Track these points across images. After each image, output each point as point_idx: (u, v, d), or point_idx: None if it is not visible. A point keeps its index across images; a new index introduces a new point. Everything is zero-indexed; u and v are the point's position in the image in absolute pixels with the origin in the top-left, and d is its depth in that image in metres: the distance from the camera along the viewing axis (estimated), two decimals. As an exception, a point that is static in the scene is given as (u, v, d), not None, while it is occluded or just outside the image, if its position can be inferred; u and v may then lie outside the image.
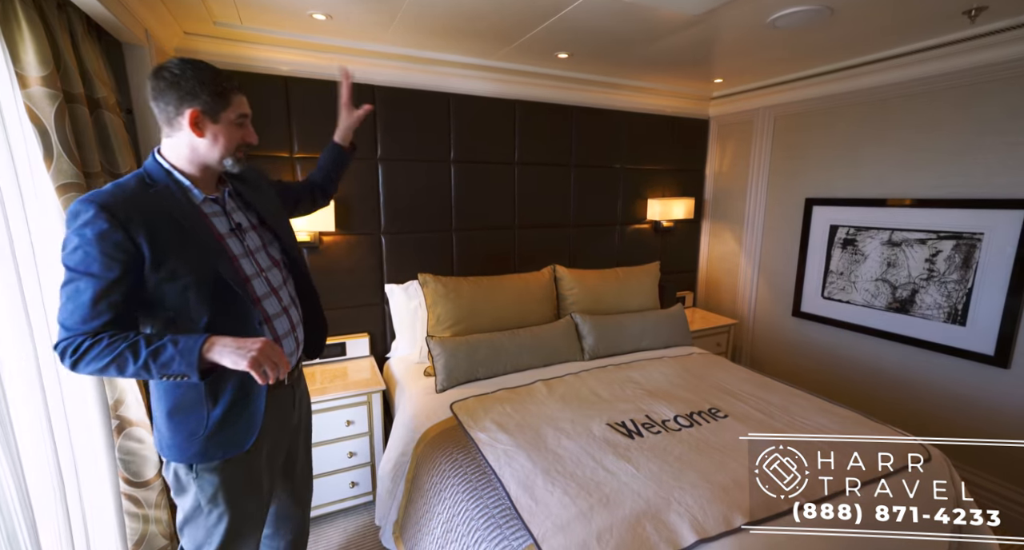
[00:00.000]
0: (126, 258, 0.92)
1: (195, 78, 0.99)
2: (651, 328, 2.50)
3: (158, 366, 0.93)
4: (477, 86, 2.57)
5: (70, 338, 0.92)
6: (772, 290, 3.07)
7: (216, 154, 1.05)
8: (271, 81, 2.14)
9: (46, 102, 1.20)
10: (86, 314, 0.91)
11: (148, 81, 1.00)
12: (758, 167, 3.06)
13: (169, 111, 0.99)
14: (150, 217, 0.95)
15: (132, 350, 0.92)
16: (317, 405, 1.98)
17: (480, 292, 2.23)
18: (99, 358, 0.91)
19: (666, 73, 2.75)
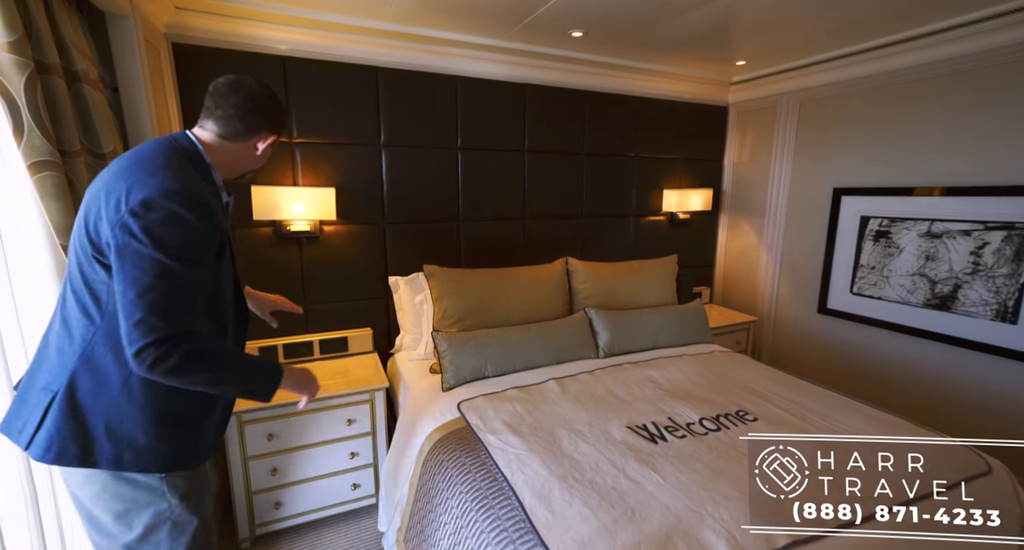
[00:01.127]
0: (217, 243, 0.98)
1: (281, 112, 1.16)
2: (669, 324, 2.37)
3: (249, 380, 1.00)
4: (486, 68, 2.44)
5: (174, 331, 0.85)
6: (795, 286, 2.91)
7: (248, 168, 1.17)
8: (268, 61, 2.02)
9: (14, 71, 1.09)
10: (191, 305, 0.90)
11: (232, 91, 1.05)
12: (781, 156, 2.90)
13: (252, 127, 1.07)
14: (216, 208, 0.98)
15: (234, 355, 0.98)
16: (317, 404, 1.87)
17: (489, 285, 2.11)
18: (215, 362, 0.92)
19: (685, 55, 2.60)
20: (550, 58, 2.53)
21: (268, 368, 1.07)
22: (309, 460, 1.90)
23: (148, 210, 0.86)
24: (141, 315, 0.83)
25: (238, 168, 1.15)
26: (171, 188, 0.89)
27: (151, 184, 0.89)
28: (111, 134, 1.37)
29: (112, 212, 0.88)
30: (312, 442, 1.89)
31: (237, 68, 1.96)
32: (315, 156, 2.15)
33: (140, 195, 0.87)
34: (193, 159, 1.01)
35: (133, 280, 0.84)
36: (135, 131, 1.56)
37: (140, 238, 0.85)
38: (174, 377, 0.87)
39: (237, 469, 1.79)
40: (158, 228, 0.86)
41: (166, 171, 0.92)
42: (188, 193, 0.91)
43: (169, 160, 0.96)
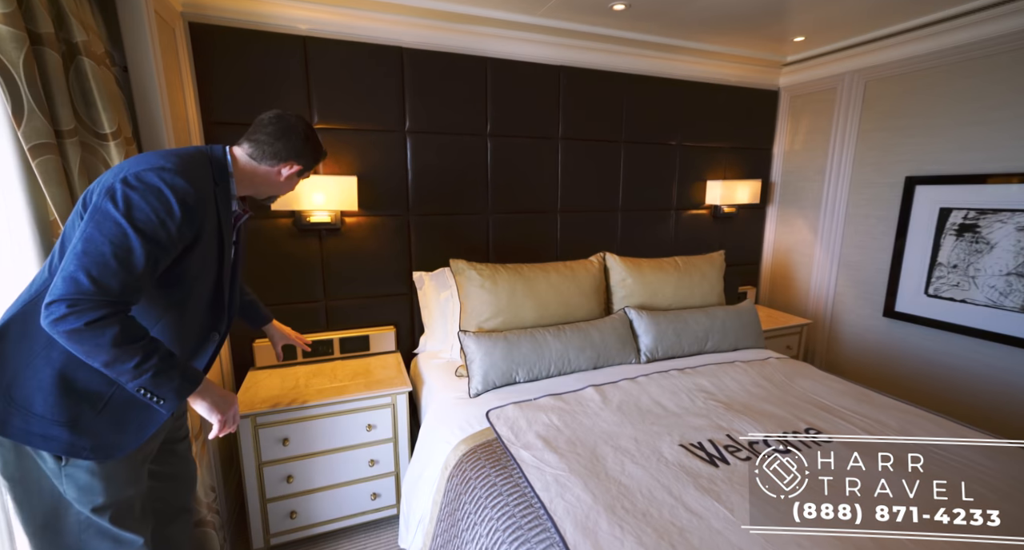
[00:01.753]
0: (189, 239, 0.96)
1: (313, 147, 1.20)
2: (718, 327, 2.14)
3: (156, 376, 0.89)
4: (518, 49, 2.27)
5: (96, 298, 0.82)
6: (856, 286, 2.63)
7: (271, 192, 1.23)
8: (288, 42, 1.90)
9: (12, 45, 0.98)
10: (128, 279, 0.85)
11: (276, 120, 1.14)
12: (841, 143, 2.62)
13: (280, 152, 1.13)
14: (212, 211, 1.02)
15: (152, 347, 0.89)
16: (334, 407, 1.74)
17: (520, 281, 1.94)
18: (125, 336, 0.84)
19: (736, 31, 2.36)
20: (587, 37, 2.34)
21: (184, 374, 0.96)
22: (326, 467, 1.78)
23: (138, 181, 0.89)
24: (73, 269, 0.82)
25: (261, 189, 1.19)
26: (167, 167, 0.92)
27: (152, 162, 0.93)
28: (115, 113, 1.25)
29: (109, 177, 0.92)
30: (329, 448, 1.77)
31: (256, 49, 1.86)
32: (336, 142, 2.02)
33: (137, 168, 0.91)
34: (216, 166, 1.06)
35: (87, 237, 0.84)
36: (145, 112, 1.45)
37: (117, 202, 0.86)
38: (73, 341, 0.82)
39: (251, 475, 1.68)
40: (137, 199, 0.87)
41: (173, 157, 0.96)
42: (182, 177, 0.93)
43: (187, 154, 1.01)
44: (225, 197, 1.08)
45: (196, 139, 1.78)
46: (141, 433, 0.99)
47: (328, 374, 1.94)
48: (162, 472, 1.20)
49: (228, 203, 1.09)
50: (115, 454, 0.95)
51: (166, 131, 1.49)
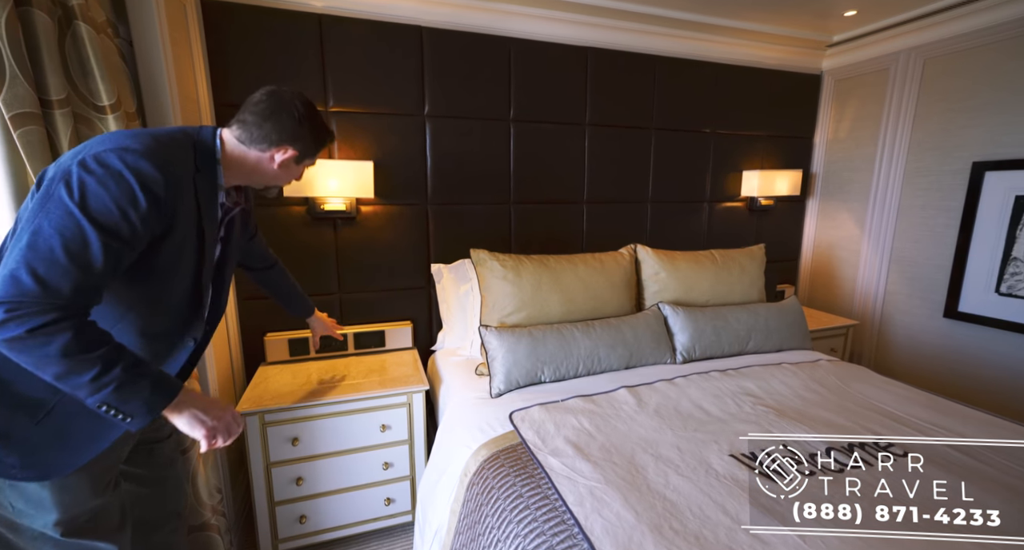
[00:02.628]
0: (158, 231, 0.83)
1: (310, 126, 1.01)
2: (761, 326, 1.96)
3: (120, 389, 0.75)
4: (544, 29, 2.13)
5: (43, 301, 0.69)
6: (910, 284, 2.41)
7: (269, 182, 1.06)
8: (303, 20, 1.81)
9: None
10: (83, 278, 0.72)
11: (266, 97, 0.97)
12: (894, 128, 2.41)
13: (269, 135, 0.97)
14: (190, 201, 0.88)
15: (113, 355, 0.76)
16: (347, 405, 1.63)
17: (546, 274, 1.80)
18: (77, 345, 0.72)
19: (778, 8, 2.18)
20: (618, 15, 2.19)
21: (157, 385, 0.81)
22: (338, 469, 1.67)
23: (97, 164, 0.75)
24: (14, 266, 0.69)
25: (254, 177, 1.04)
26: (133, 148, 0.79)
27: (118, 141, 0.79)
28: (115, 84, 1.17)
29: (67, 159, 0.78)
30: (341, 449, 1.66)
31: (270, 27, 1.77)
32: (352, 126, 1.92)
33: (99, 149, 0.77)
34: (201, 150, 0.92)
35: (36, 228, 0.71)
36: (150, 87, 1.37)
37: (72, 189, 0.73)
38: (16, 351, 0.70)
39: (259, 476, 1.58)
40: (94, 185, 0.74)
41: (146, 138, 0.82)
42: (149, 161, 0.78)
43: (165, 135, 0.87)
44: (209, 186, 0.94)
45: (207, 119, 1.70)
46: (90, 448, 0.85)
47: (342, 370, 1.83)
48: (141, 475, 1.09)
49: (213, 193, 0.95)
50: (52, 475, 0.82)
51: (172, 108, 1.40)
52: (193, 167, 0.90)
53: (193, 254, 0.93)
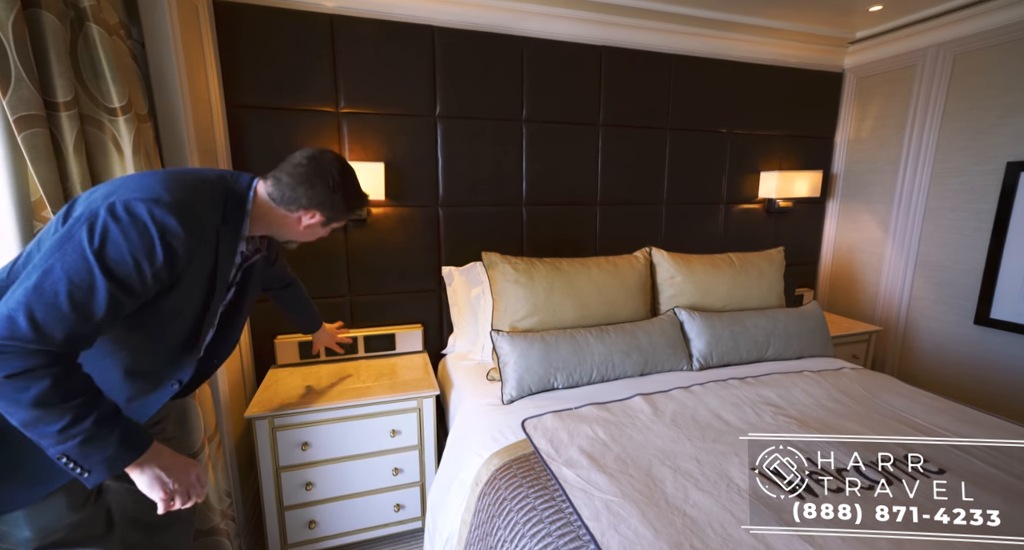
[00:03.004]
0: (166, 283, 0.82)
1: (344, 195, 1.00)
2: (780, 332, 1.90)
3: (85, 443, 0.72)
4: (557, 28, 2.10)
5: (29, 347, 0.68)
6: (938, 289, 2.32)
7: (291, 237, 1.06)
8: (314, 21, 1.80)
9: (1, 5, 0.89)
10: (79, 326, 0.71)
11: (306, 161, 0.97)
12: (921, 127, 2.33)
13: (299, 199, 0.96)
14: (209, 253, 0.88)
15: (88, 407, 0.73)
16: (356, 410, 1.61)
17: (559, 277, 1.76)
18: (53, 394, 0.69)
19: (799, 4, 2.12)
20: (633, 13, 2.15)
21: (124, 440, 0.77)
22: (347, 474, 1.65)
23: (125, 212, 0.74)
24: (15, 306, 0.68)
25: (277, 232, 1.03)
26: (164, 200, 0.77)
27: (151, 189, 0.78)
28: (126, 86, 1.16)
29: (99, 197, 0.77)
30: (351, 454, 1.64)
31: (282, 28, 1.76)
32: (363, 127, 1.91)
33: (131, 195, 0.76)
34: (232, 200, 0.92)
35: (47, 269, 0.70)
36: (162, 89, 1.36)
37: (93, 233, 0.72)
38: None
39: (268, 481, 1.56)
40: (116, 234, 0.73)
41: (179, 188, 0.81)
42: (177, 217, 0.77)
43: (201, 183, 0.87)
44: (232, 237, 0.93)
45: (219, 122, 1.69)
46: (40, 486, 0.78)
47: (352, 374, 1.81)
48: None
49: (234, 244, 0.94)
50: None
51: (184, 110, 1.40)
52: (220, 219, 0.89)
53: (198, 302, 0.91)
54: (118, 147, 1.16)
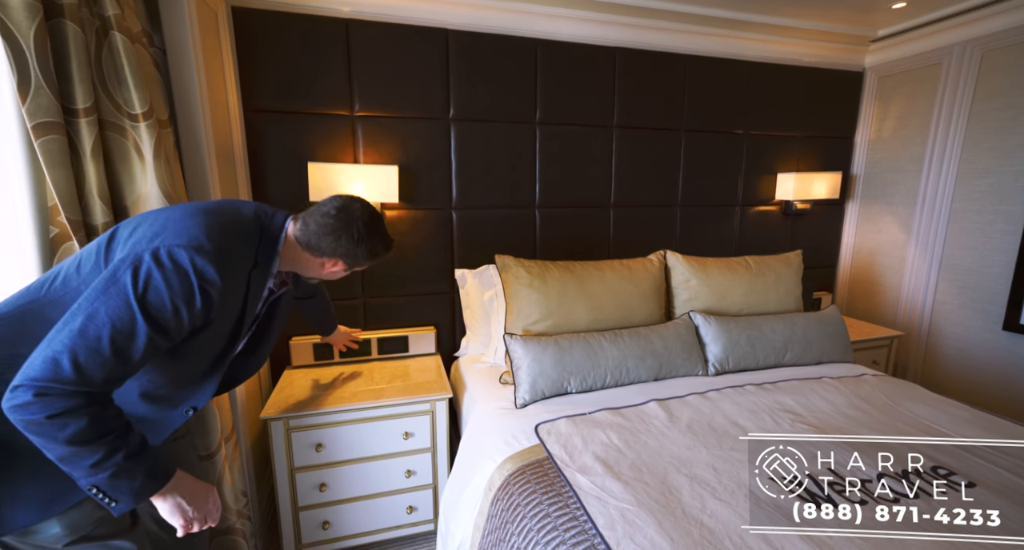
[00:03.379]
0: (199, 325, 0.85)
1: (368, 247, 1.01)
2: (799, 337, 1.87)
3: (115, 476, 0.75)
4: (571, 29, 2.09)
5: (70, 389, 0.70)
6: (963, 294, 2.26)
7: (313, 275, 1.07)
8: (330, 25, 1.81)
9: (23, 15, 0.91)
10: (117, 369, 0.75)
11: (335, 212, 0.98)
12: (947, 127, 2.26)
13: (324, 249, 0.98)
14: (238, 296, 0.91)
15: (119, 442, 0.76)
16: (370, 412, 1.62)
17: (573, 280, 1.75)
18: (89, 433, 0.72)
19: (819, 3, 2.07)
20: (648, 14, 2.13)
21: (150, 472, 0.81)
22: (360, 476, 1.65)
23: (169, 259, 0.78)
24: (60, 349, 0.71)
25: (303, 272, 1.07)
26: (206, 248, 0.81)
27: (193, 235, 0.82)
28: (148, 92, 1.18)
29: (144, 238, 0.81)
30: (364, 456, 1.65)
31: (298, 33, 1.78)
32: (377, 130, 1.92)
33: (176, 241, 0.80)
34: (266, 243, 0.95)
35: (92, 313, 0.73)
36: (182, 95, 1.38)
37: (137, 279, 0.76)
38: (29, 432, 0.70)
39: (283, 482, 1.58)
40: (159, 281, 0.77)
41: (218, 233, 0.85)
42: (215, 266, 0.81)
43: (239, 225, 0.91)
44: (262, 277, 0.96)
45: (236, 126, 1.72)
46: (46, 508, 0.80)
47: (365, 376, 1.82)
48: None
49: (263, 282, 0.98)
50: (3, 532, 0.78)
51: (203, 115, 1.42)
52: (252, 262, 0.92)
53: (224, 338, 0.94)
54: (139, 152, 1.18)
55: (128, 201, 1.19)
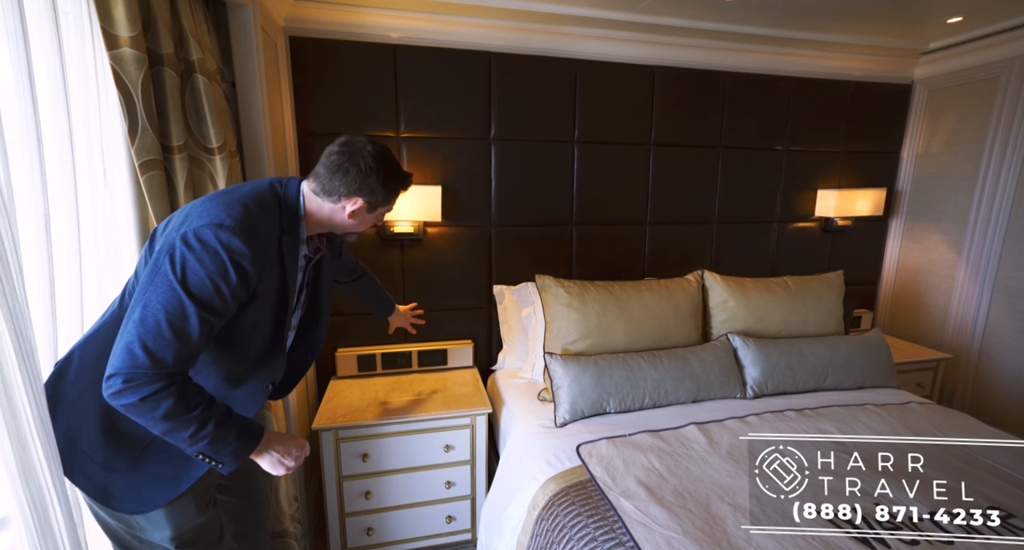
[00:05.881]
0: (244, 299, 0.89)
1: (381, 177, 0.99)
2: (840, 361, 1.84)
3: (213, 443, 0.86)
4: (610, 49, 2.11)
5: (151, 372, 0.78)
6: (1019, 317, 2.17)
7: (347, 229, 1.07)
8: (380, 51, 1.89)
9: (134, 66, 1.01)
10: (182, 349, 0.81)
11: (338, 148, 0.98)
12: (1004, 142, 2.18)
13: (338, 188, 0.98)
14: (274, 263, 0.94)
15: (207, 414, 0.85)
16: (413, 424, 1.69)
17: (612, 301, 1.78)
18: (178, 409, 0.81)
19: (869, 19, 2.04)
20: (687, 33, 2.13)
21: (241, 435, 0.91)
22: (403, 485, 1.72)
23: (196, 239, 0.82)
24: (130, 339, 0.78)
25: (333, 227, 1.06)
26: (227, 224, 0.84)
27: (213, 214, 0.85)
28: (222, 127, 1.28)
29: (174, 229, 0.86)
30: (407, 466, 1.71)
31: (349, 59, 1.87)
32: (422, 151, 1.99)
33: (199, 222, 0.84)
34: (287, 210, 0.97)
35: (146, 303, 0.80)
36: (248, 126, 1.48)
37: (175, 264, 0.81)
38: (132, 414, 0.80)
39: (331, 489, 1.66)
40: (193, 261, 0.81)
41: (237, 208, 0.88)
42: (240, 237, 0.85)
43: (255, 199, 0.93)
44: (293, 243, 0.98)
45: (291, 150, 1.82)
46: (176, 487, 0.94)
47: (406, 388, 1.89)
48: (231, 487, 1.18)
49: (296, 248, 1.00)
50: (144, 510, 0.91)
51: (266, 144, 1.51)
52: (279, 229, 0.95)
53: (274, 309, 0.98)
54: (214, 183, 1.28)
55: (203, 228, 1.29)
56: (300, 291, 1.08)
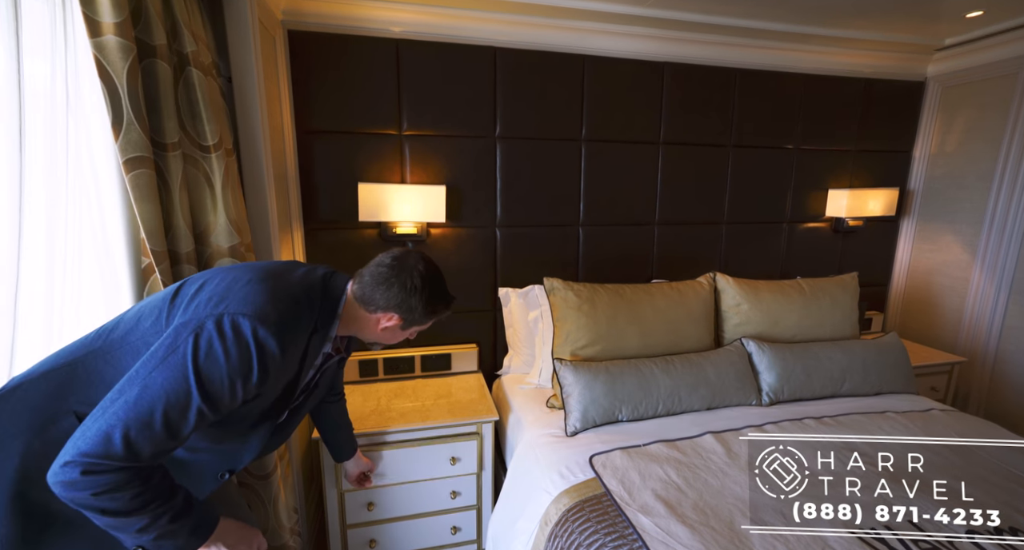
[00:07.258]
0: (250, 397, 0.82)
1: (424, 298, 0.95)
2: (857, 366, 1.78)
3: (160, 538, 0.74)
4: (618, 45, 2.05)
5: (117, 464, 0.68)
6: (1035, 319, 2.12)
7: (373, 339, 1.03)
8: (382, 46, 1.82)
9: (118, 55, 0.94)
10: (165, 443, 0.72)
11: (389, 261, 0.95)
12: (1021, 141, 2.13)
13: (377, 301, 0.94)
14: (294, 362, 0.88)
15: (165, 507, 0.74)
16: (419, 434, 1.63)
17: (623, 305, 1.72)
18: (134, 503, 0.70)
19: (883, 14, 1.98)
20: (698, 28, 2.07)
21: (194, 530, 0.79)
22: (407, 496, 1.66)
23: (232, 330, 0.75)
24: (113, 422, 0.68)
25: (361, 335, 1.02)
26: (270, 320, 0.78)
27: (259, 306, 0.79)
28: (218, 124, 1.21)
29: (207, 301, 0.79)
30: (411, 479, 1.65)
31: (350, 54, 1.80)
32: (425, 150, 1.93)
33: (241, 309, 0.77)
34: (327, 307, 0.93)
35: (147, 383, 0.71)
36: (245, 123, 1.41)
37: (199, 348, 0.73)
38: (75, 506, 0.68)
39: (332, 500, 1.60)
40: (220, 352, 0.74)
41: (284, 302, 0.82)
42: (277, 339, 0.79)
43: (303, 289, 0.88)
44: (320, 343, 0.93)
45: (290, 149, 1.75)
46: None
47: (409, 394, 1.83)
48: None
49: (320, 348, 0.94)
50: None
51: (264, 142, 1.45)
52: (312, 327, 0.89)
53: (270, 406, 0.91)
54: (210, 183, 1.21)
55: (198, 230, 1.22)
56: (303, 393, 1.00)
